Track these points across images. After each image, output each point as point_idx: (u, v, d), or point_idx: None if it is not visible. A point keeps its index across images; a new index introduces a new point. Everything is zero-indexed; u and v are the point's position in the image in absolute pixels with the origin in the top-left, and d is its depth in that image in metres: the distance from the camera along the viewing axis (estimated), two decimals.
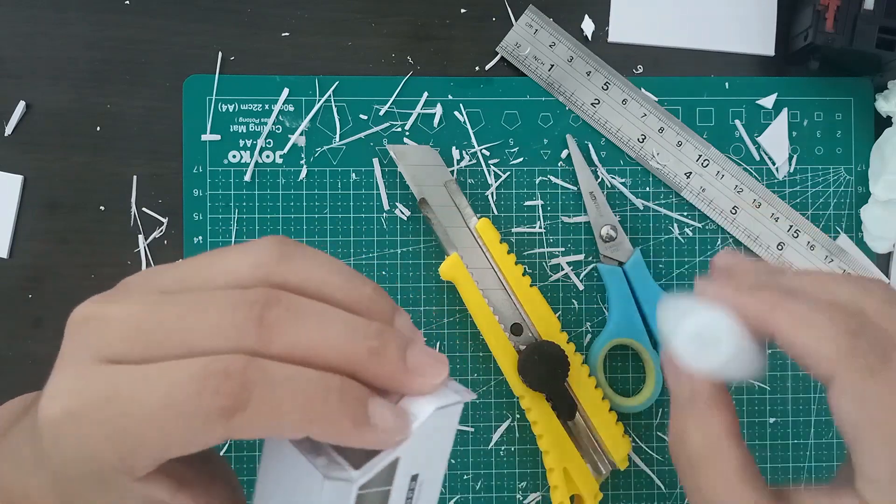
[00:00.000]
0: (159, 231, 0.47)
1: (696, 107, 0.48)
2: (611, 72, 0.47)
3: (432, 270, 0.47)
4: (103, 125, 0.47)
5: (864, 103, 0.48)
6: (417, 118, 0.47)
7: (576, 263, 0.47)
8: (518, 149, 0.47)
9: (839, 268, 0.47)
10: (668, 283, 0.47)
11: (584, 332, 0.47)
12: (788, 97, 0.48)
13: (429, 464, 0.25)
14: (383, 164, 0.47)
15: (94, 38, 0.47)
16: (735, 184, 0.47)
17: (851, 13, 0.44)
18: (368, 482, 0.24)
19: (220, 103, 0.47)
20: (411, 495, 0.25)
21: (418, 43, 0.48)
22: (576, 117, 0.48)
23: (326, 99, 0.47)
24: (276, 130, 0.47)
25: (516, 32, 0.47)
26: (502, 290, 0.45)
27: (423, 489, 0.26)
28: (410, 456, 0.24)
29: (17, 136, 0.47)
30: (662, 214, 0.48)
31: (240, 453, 0.47)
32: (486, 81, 0.47)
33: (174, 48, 0.47)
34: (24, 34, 0.47)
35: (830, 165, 0.48)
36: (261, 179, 0.47)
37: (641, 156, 0.47)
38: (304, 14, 0.47)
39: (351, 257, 0.47)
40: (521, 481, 0.47)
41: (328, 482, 0.24)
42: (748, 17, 0.48)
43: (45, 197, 0.47)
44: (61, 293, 0.46)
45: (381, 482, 0.24)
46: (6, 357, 0.46)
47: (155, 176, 0.47)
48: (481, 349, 0.47)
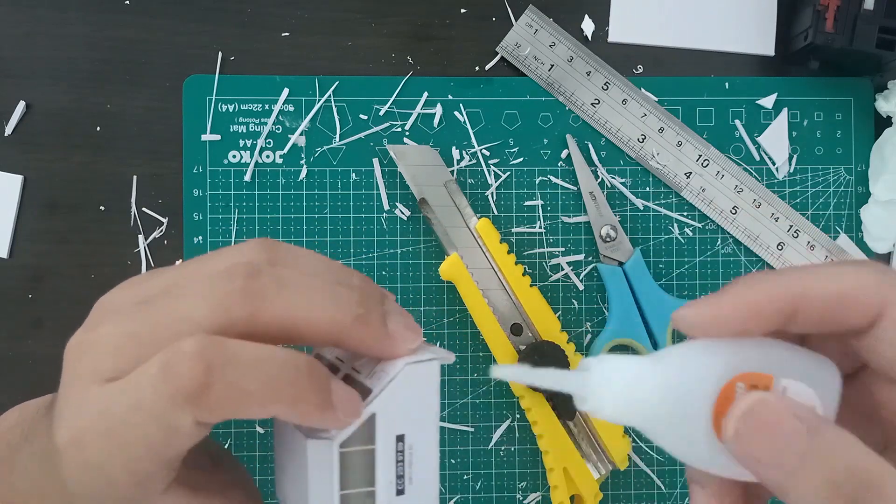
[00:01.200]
0: (159, 231, 0.47)
1: (696, 107, 0.48)
2: (611, 72, 0.47)
3: (432, 270, 0.47)
4: (103, 125, 0.47)
5: (864, 103, 0.48)
6: (417, 118, 0.47)
7: (576, 263, 0.47)
8: (518, 149, 0.47)
9: None
10: (668, 283, 0.47)
11: (584, 332, 0.47)
12: (788, 97, 0.48)
13: (415, 425, 0.26)
14: (383, 164, 0.47)
15: (94, 38, 0.47)
16: (735, 184, 0.47)
17: (851, 13, 0.44)
18: (348, 439, 0.25)
19: (220, 103, 0.47)
20: (401, 458, 0.26)
21: (418, 43, 0.48)
22: (576, 117, 0.48)
23: (326, 99, 0.47)
24: (276, 130, 0.47)
25: (516, 32, 0.47)
26: (502, 290, 0.45)
27: (414, 453, 0.26)
28: (388, 412, 0.25)
29: (17, 136, 0.47)
30: (662, 214, 0.48)
31: (239, 454, 0.47)
32: (486, 81, 0.47)
33: (174, 48, 0.47)
34: (24, 34, 0.47)
35: (830, 165, 0.48)
36: (261, 179, 0.47)
37: (641, 156, 0.47)
38: (304, 14, 0.47)
39: (351, 257, 0.47)
40: (521, 481, 0.47)
41: (310, 442, 0.25)
42: (748, 17, 0.48)
43: (45, 197, 0.47)
44: (61, 293, 0.46)
45: (362, 440, 0.25)
46: (6, 357, 0.46)
47: (155, 176, 0.47)
48: (481, 349, 0.47)
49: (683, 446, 0.24)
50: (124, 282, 0.26)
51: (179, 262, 0.27)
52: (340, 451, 0.25)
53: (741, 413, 0.22)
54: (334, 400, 0.24)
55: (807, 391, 0.23)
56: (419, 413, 0.26)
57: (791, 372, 0.23)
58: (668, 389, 0.23)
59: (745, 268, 0.48)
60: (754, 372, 0.23)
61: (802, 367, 0.24)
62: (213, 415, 0.23)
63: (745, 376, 0.23)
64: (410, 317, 0.27)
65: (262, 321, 0.24)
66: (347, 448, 0.25)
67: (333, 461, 0.25)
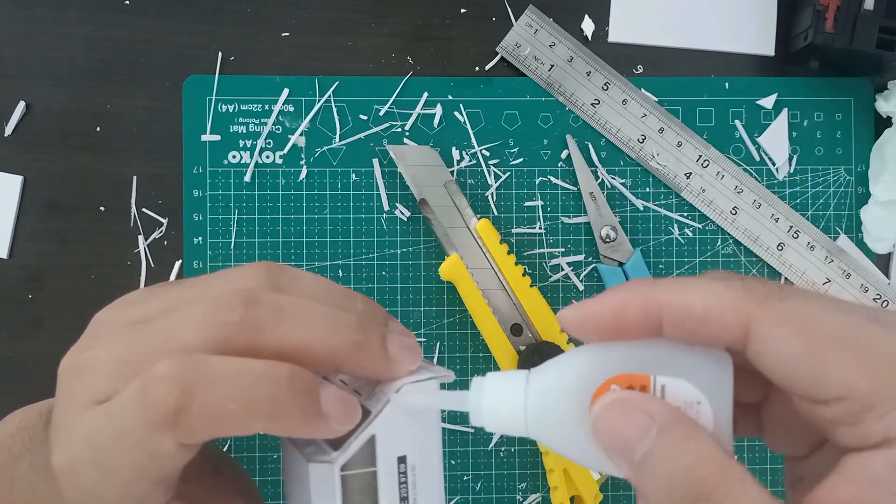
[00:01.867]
0: (159, 231, 0.47)
1: (696, 107, 0.48)
2: (611, 72, 0.47)
3: (432, 271, 0.47)
4: (103, 125, 0.47)
5: (864, 103, 0.48)
6: (417, 118, 0.47)
7: (576, 264, 0.47)
8: (518, 149, 0.47)
9: (839, 268, 0.47)
10: None
11: None
12: (788, 97, 0.48)
13: (417, 446, 0.26)
14: (383, 164, 0.47)
15: (94, 38, 0.47)
16: (735, 184, 0.47)
17: (851, 13, 0.44)
18: (349, 462, 0.24)
19: (220, 103, 0.47)
20: (404, 479, 0.26)
21: (418, 43, 0.48)
22: (576, 117, 0.48)
23: (326, 99, 0.47)
24: (276, 131, 0.47)
25: (516, 32, 0.47)
26: (502, 291, 0.45)
27: (417, 474, 0.26)
28: (389, 434, 0.25)
29: (17, 136, 0.47)
30: (662, 215, 0.48)
31: (239, 455, 0.47)
32: (486, 81, 0.47)
33: (174, 48, 0.47)
34: (24, 34, 0.47)
35: (830, 166, 0.48)
36: (261, 180, 0.47)
37: (641, 156, 0.47)
38: (304, 14, 0.47)
39: (351, 258, 0.47)
40: (521, 482, 0.47)
41: (312, 465, 0.25)
42: (748, 17, 0.48)
43: (45, 197, 0.47)
44: (61, 293, 0.46)
45: (364, 462, 0.25)
46: (6, 357, 0.46)
47: (155, 176, 0.47)
48: (481, 349, 0.47)
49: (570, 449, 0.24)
50: (123, 297, 0.27)
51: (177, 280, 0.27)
52: (342, 475, 0.24)
53: (598, 410, 0.23)
54: (325, 409, 0.24)
55: (689, 389, 0.23)
56: (420, 433, 0.26)
57: (674, 371, 0.23)
58: (544, 395, 0.24)
59: (745, 268, 0.48)
60: (632, 373, 0.23)
61: (688, 366, 0.23)
62: (194, 436, 0.23)
63: (622, 378, 0.23)
64: (412, 336, 0.27)
65: (260, 351, 0.24)
66: (349, 471, 0.24)
67: (335, 485, 0.24)
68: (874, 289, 0.47)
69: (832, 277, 0.47)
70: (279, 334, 0.24)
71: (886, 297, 0.47)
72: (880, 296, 0.47)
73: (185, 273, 0.46)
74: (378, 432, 0.25)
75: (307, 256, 0.47)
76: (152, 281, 0.46)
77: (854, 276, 0.47)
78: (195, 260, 0.46)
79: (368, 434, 0.25)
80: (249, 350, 0.23)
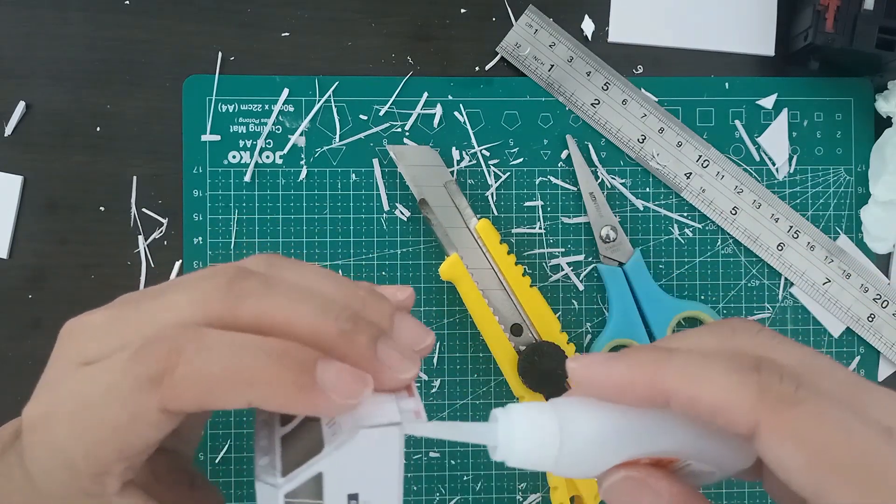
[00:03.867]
0: (159, 231, 0.47)
1: (696, 107, 0.48)
2: (611, 72, 0.47)
3: (432, 271, 0.47)
4: (103, 125, 0.47)
5: (864, 103, 0.48)
6: (417, 118, 0.47)
7: (576, 264, 0.47)
8: (518, 149, 0.47)
9: (839, 268, 0.47)
10: (669, 284, 0.47)
11: (584, 333, 0.47)
12: (788, 97, 0.48)
13: (372, 485, 0.24)
14: (383, 164, 0.47)
15: (94, 38, 0.47)
16: (735, 184, 0.47)
17: (851, 13, 0.44)
18: (295, 491, 0.23)
19: (220, 103, 0.47)
20: None
21: (418, 43, 0.48)
22: (576, 117, 0.48)
23: (326, 99, 0.47)
24: (276, 131, 0.47)
25: (516, 32, 0.47)
26: (502, 291, 0.45)
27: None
28: (340, 471, 0.23)
29: (17, 136, 0.47)
30: (662, 215, 0.48)
31: (238, 455, 0.47)
32: (486, 81, 0.47)
33: (174, 48, 0.47)
34: (24, 34, 0.47)
35: (830, 166, 0.48)
36: (261, 180, 0.47)
37: (641, 156, 0.47)
38: (304, 14, 0.47)
39: (351, 258, 0.47)
40: (521, 482, 0.47)
41: (258, 484, 0.24)
42: (748, 17, 0.48)
43: (44, 197, 0.47)
44: (61, 293, 0.46)
45: (311, 494, 0.24)
46: (6, 357, 0.46)
47: (155, 176, 0.47)
48: (481, 349, 0.47)
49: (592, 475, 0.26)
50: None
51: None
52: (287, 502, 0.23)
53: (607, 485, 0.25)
54: (322, 382, 0.23)
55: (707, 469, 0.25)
56: (377, 469, 0.24)
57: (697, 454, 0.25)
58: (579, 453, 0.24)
59: (745, 268, 0.48)
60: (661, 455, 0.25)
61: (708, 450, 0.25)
62: (178, 401, 0.22)
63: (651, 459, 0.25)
64: (424, 339, 0.26)
65: (240, 318, 0.23)
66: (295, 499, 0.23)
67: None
68: (874, 289, 0.47)
69: (832, 277, 0.47)
70: (263, 304, 0.24)
71: (886, 297, 0.47)
72: (880, 296, 0.47)
73: (185, 273, 0.46)
74: (326, 470, 0.23)
75: (307, 256, 0.47)
76: (152, 281, 0.46)
77: (854, 276, 0.47)
78: (195, 260, 0.46)
79: (316, 470, 0.23)
80: (229, 314, 0.23)
